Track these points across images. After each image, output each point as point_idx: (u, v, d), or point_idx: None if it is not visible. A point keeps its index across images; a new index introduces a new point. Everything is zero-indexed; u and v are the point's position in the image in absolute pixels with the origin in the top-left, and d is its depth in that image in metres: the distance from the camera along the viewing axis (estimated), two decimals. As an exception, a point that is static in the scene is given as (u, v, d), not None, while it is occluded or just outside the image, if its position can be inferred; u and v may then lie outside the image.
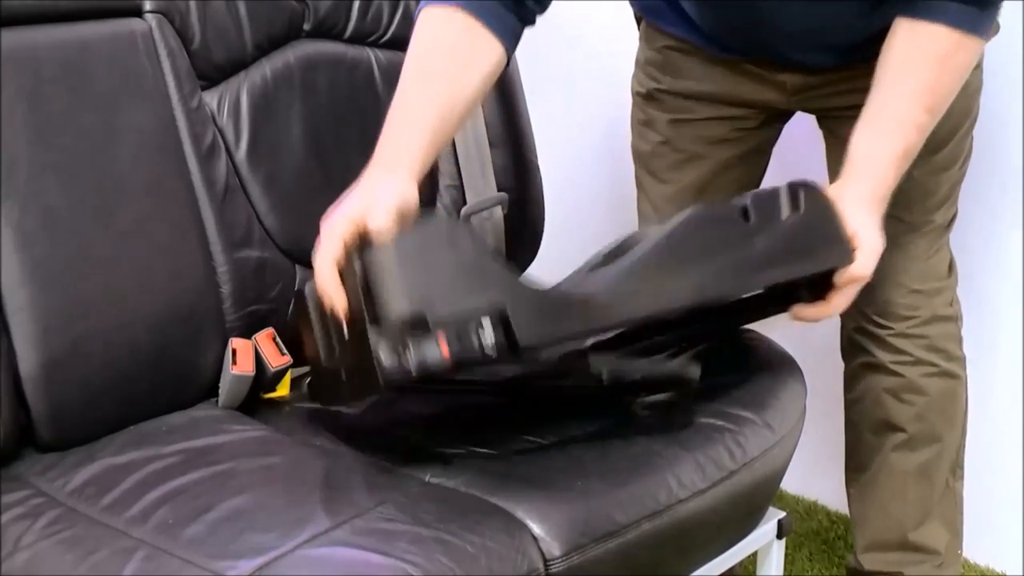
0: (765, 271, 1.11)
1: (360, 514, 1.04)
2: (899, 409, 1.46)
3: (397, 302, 0.97)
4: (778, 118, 1.45)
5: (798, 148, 1.49)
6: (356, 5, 1.41)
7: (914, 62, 1.17)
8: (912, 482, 1.49)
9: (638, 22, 1.47)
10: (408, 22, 1.46)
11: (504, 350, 0.98)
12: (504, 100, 1.51)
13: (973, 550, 1.67)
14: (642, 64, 1.47)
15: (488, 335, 0.97)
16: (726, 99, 1.39)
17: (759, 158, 1.47)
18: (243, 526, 1.01)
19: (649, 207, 1.50)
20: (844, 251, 1.13)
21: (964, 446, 1.51)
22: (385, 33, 1.44)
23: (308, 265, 1.34)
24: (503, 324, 0.98)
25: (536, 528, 1.06)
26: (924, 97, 1.17)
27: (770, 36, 1.30)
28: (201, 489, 1.07)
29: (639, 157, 1.49)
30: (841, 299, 1.15)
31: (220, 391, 1.25)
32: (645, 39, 1.46)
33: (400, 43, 1.46)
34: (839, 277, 1.13)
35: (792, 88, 1.37)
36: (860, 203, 1.15)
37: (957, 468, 1.51)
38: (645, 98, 1.46)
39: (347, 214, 1.03)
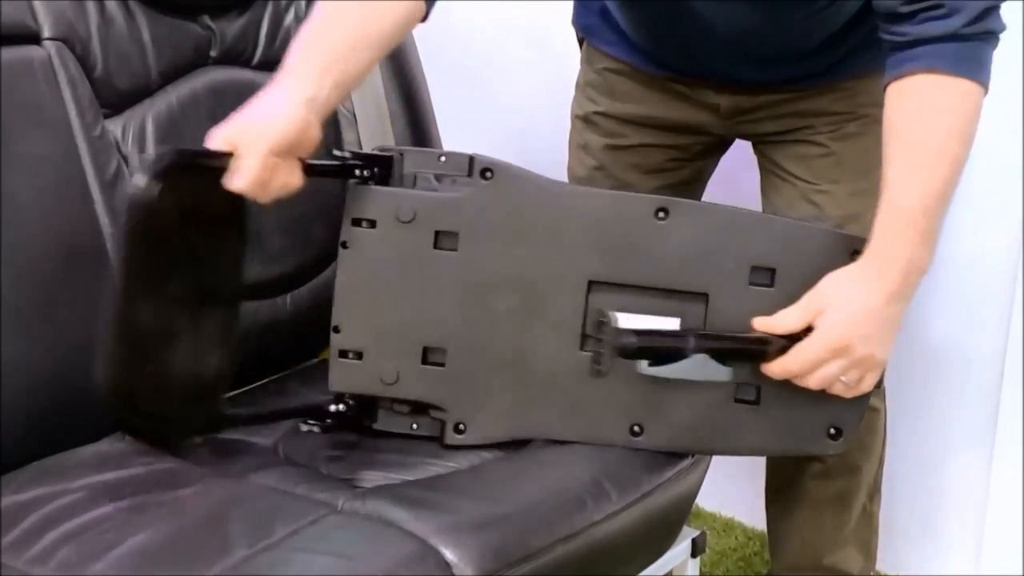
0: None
1: (271, 545, 1.03)
2: None
3: None
4: (713, 149, 1.46)
5: (734, 179, 1.51)
6: (264, 32, 1.41)
7: (893, 119, 1.10)
8: (829, 510, 1.51)
9: (580, 44, 1.49)
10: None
11: None
12: (414, 120, 1.51)
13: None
14: (582, 87, 1.48)
15: None
16: (661, 123, 1.41)
17: (692, 190, 1.47)
18: (151, 562, 1.00)
19: None
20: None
21: (882, 471, 1.54)
22: (294, 59, 1.43)
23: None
24: None
25: (449, 554, 1.06)
26: (909, 153, 1.08)
27: (703, 44, 1.30)
28: (107, 525, 1.04)
29: (575, 181, 1.49)
30: (796, 359, 1.06)
31: (129, 424, 1.23)
32: (586, 61, 1.47)
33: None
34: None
35: (726, 111, 1.38)
36: (848, 274, 1.07)
37: (875, 493, 1.54)
38: (583, 121, 1.47)
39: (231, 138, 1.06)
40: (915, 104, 1.09)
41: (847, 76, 1.35)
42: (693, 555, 1.44)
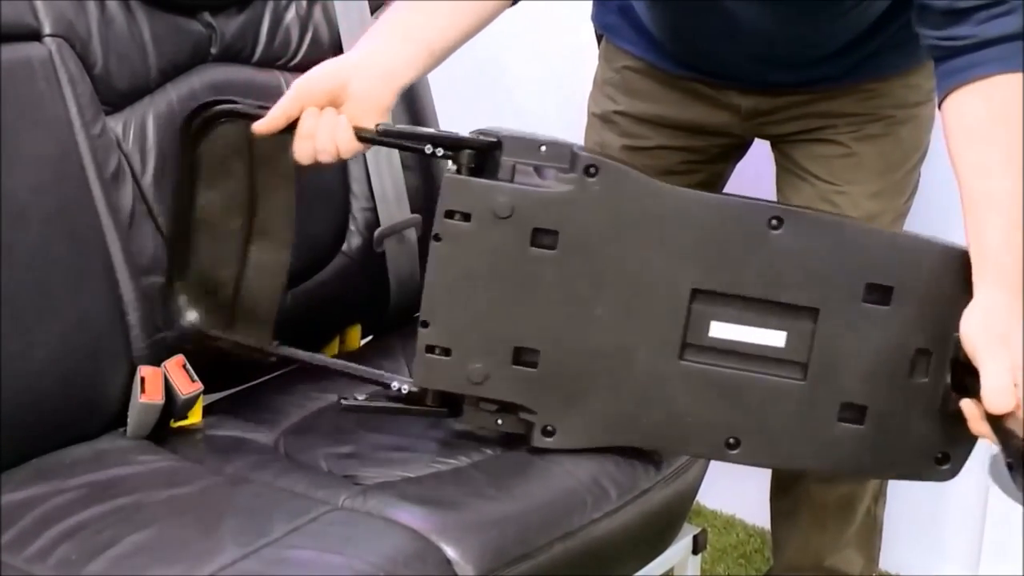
0: None
1: (270, 543, 1.03)
2: None
3: None
4: (730, 152, 1.44)
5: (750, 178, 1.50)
6: (264, 29, 1.40)
7: (981, 125, 1.03)
8: (831, 514, 1.51)
9: (599, 40, 1.48)
10: (318, 46, 1.46)
11: None
12: (414, 122, 1.51)
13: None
14: (600, 84, 1.47)
15: None
16: (679, 124, 1.40)
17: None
18: (148, 560, 1.00)
19: None
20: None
21: None
22: (295, 57, 1.43)
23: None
24: None
25: (450, 551, 1.06)
26: (1013, 164, 1.01)
27: (729, 44, 1.29)
28: (105, 523, 1.05)
29: None
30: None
31: (128, 420, 1.23)
32: (605, 59, 1.46)
33: (310, 66, 1.45)
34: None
35: (746, 112, 1.37)
36: (993, 311, 1.00)
37: (880, 496, 1.53)
38: (601, 120, 1.46)
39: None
40: (1008, 108, 1.03)
41: (871, 77, 1.34)
42: (694, 552, 1.44)
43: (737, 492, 1.81)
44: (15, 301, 1.14)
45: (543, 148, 1.09)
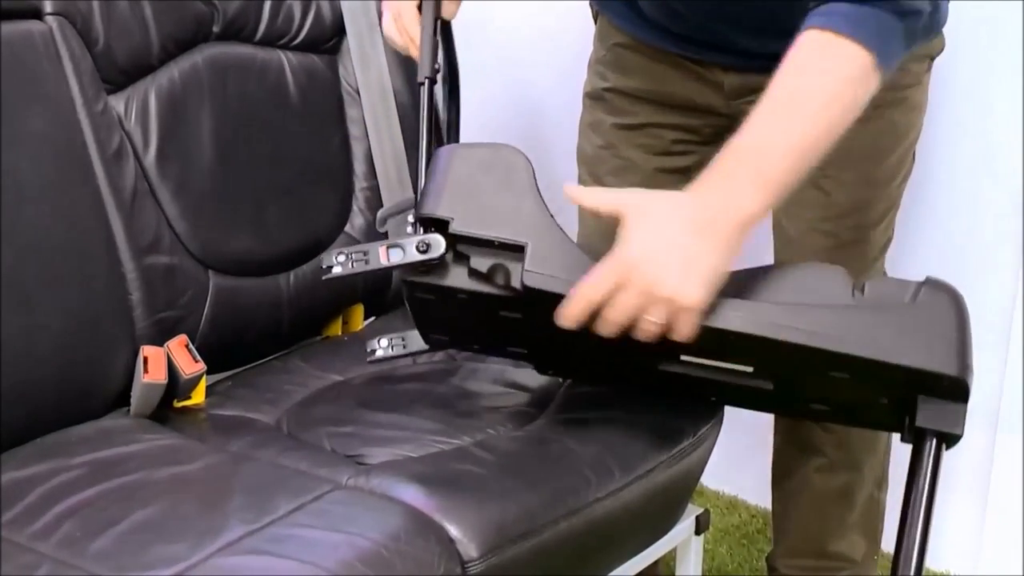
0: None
1: (274, 520, 1.03)
2: (820, 436, 1.47)
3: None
4: (721, 135, 1.43)
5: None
6: (267, 6, 1.40)
7: (777, 72, 1.05)
8: (832, 502, 1.50)
9: (595, 20, 1.48)
10: (320, 25, 1.45)
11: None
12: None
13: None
14: (593, 64, 1.47)
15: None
16: (669, 100, 1.40)
17: (697, 175, 1.46)
18: (153, 537, 1.00)
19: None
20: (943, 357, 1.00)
21: (889, 461, 1.53)
22: (297, 35, 1.43)
23: (220, 270, 1.34)
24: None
25: (453, 530, 1.06)
26: (771, 101, 1.05)
27: (703, 6, 1.28)
28: (109, 501, 1.05)
29: (583, 159, 1.48)
30: (589, 280, 0.97)
31: (131, 400, 1.23)
32: (599, 38, 1.46)
33: (312, 45, 1.46)
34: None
35: (730, 90, 1.37)
36: (667, 192, 1.03)
37: (882, 482, 1.53)
38: (593, 99, 1.46)
39: None
40: (797, 59, 1.05)
41: None
42: (697, 533, 1.44)
43: (740, 473, 1.81)
44: (17, 280, 1.14)
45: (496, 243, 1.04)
